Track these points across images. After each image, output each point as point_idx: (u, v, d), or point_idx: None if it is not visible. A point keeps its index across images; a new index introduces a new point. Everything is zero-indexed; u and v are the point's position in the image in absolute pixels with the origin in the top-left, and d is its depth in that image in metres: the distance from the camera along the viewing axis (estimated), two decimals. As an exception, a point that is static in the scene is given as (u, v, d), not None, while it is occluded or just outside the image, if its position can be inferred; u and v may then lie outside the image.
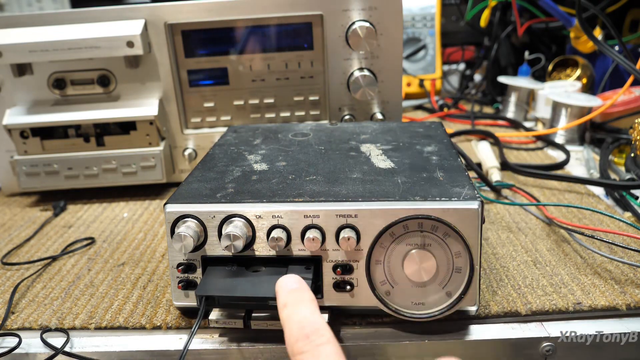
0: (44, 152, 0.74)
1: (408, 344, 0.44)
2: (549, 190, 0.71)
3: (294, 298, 0.37)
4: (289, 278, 0.39)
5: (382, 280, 0.44)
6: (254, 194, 0.45)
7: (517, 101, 1.02)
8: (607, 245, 0.55)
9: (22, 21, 0.70)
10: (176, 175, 0.78)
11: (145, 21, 0.70)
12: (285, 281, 0.39)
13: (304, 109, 0.77)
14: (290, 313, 0.36)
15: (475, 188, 0.44)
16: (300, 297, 0.37)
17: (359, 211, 0.42)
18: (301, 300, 0.37)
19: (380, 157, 0.53)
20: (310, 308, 0.36)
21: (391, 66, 0.74)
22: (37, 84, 0.73)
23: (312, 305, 0.37)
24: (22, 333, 0.47)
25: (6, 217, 0.72)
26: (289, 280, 0.39)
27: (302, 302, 0.37)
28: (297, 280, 0.39)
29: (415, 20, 1.15)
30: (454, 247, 0.42)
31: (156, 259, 0.58)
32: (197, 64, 0.74)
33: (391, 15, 0.71)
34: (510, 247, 0.57)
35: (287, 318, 0.36)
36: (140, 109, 0.72)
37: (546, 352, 0.44)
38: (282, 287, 0.38)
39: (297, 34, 0.73)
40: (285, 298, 0.37)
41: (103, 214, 0.71)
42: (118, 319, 0.48)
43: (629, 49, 0.92)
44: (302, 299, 0.37)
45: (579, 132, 0.88)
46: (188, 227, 0.43)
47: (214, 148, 0.58)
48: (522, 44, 1.16)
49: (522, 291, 0.49)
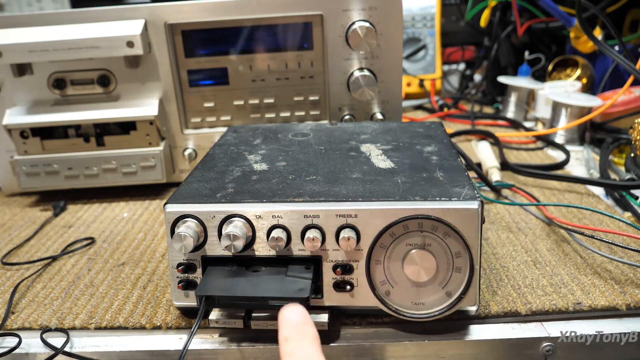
0: (44, 152, 0.74)
1: (408, 344, 0.44)
2: (549, 190, 0.71)
3: (298, 333, 0.34)
4: (294, 310, 0.36)
5: (382, 280, 0.44)
6: (254, 194, 0.45)
7: (517, 101, 1.02)
8: (607, 245, 0.55)
9: (22, 21, 0.70)
10: (176, 175, 0.78)
11: (145, 21, 0.70)
12: (289, 313, 0.35)
13: (304, 109, 0.77)
14: (293, 350, 0.33)
15: (475, 188, 0.44)
16: (305, 333, 0.34)
17: (359, 211, 0.42)
18: (306, 336, 0.34)
19: (380, 157, 0.53)
20: (314, 347, 0.33)
21: (391, 66, 0.74)
22: (37, 84, 0.73)
23: (316, 343, 0.34)
24: (22, 333, 0.47)
25: (6, 217, 0.72)
26: (294, 312, 0.35)
27: (306, 340, 0.34)
28: (303, 313, 0.35)
29: (415, 20, 1.15)
30: (454, 247, 0.42)
31: (156, 259, 0.58)
32: (197, 64, 0.74)
33: (391, 15, 0.71)
34: (510, 247, 0.57)
35: (288, 355, 0.33)
36: (140, 109, 0.72)
37: (546, 352, 0.44)
38: (285, 319, 0.35)
39: (297, 34, 0.73)
40: (289, 332, 0.34)
41: (103, 214, 0.71)
42: (118, 319, 0.48)
43: (629, 49, 0.92)
44: (306, 336, 0.34)
45: (579, 132, 0.88)
46: (188, 227, 0.43)
47: (214, 148, 0.58)
48: (522, 44, 1.16)
49: (522, 291, 0.49)
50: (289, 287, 0.42)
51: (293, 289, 0.41)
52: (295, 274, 0.43)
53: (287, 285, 0.42)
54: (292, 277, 0.43)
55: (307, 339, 0.34)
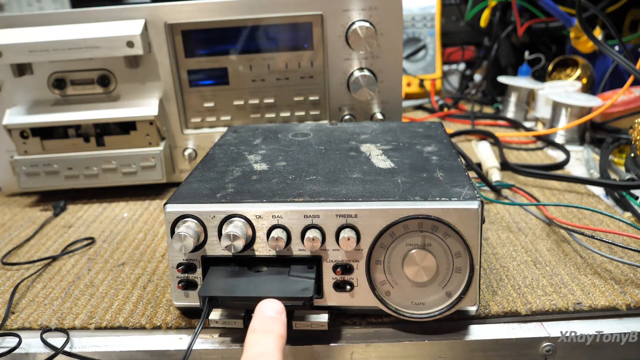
0: (44, 152, 0.74)
1: (408, 344, 0.44)
2: (549, 190, 0.71)
3: (265, 326, 0.35)
4: (270, 304, 0.36)
5: (382, 280, 0.44)
6: (254, 194, 0.45)
7: (517, 101, 1.02)
8: (607, 245, 0.55)
9: (22, 21, 0.70)
10: (176, 175, 0.78)
11: (145, 21, 0.70)
12: (266, 305, 0.36)
13: (304, 109, 0.77)
14: (255, 341, 0.34)
15: (475, 188, 0.44)
16: (272, 328, 0.35)
17: (359, 211, 0.42)
18: (271, 332, 0.35)
19: (380, 157, 0.53)
20: (275, 344, 0.34)
21: (391, 66, 0.74)
22: (37, 84, 0.73)
23: (280, 341, 0.34)
24: (22, 333, 0.47)
25: (6, 217, 0.72)
26: (270, 306, 0.36)
27: (270, 335, 0.34)
28: (277, 310, 0.36)
29: (415, 20, 1.15)
30: (454, 247, 0.42)
31: (156, 259, 0.58)
32: (197, 64, 0.74)
33: (391, 15, 0.71)
34: (510, 247, 0.57)
35: (250, 345, 0.34)
36: (140, 109, 0.72)
37: (546, 352, 0.44)
38: (260, 310, 0.36)
39: (297, 34, 0.73)
40: (258, 323, 0.35)
41: (103, 214, 0.71)
42: (118, 319, 0.48)
43: (629, 49, 0.92)
44: (271, 331, 0.35)
45: (579, 132, 0.88)
46: (188, 227, 0.43)
47: (214, 148, 0.58)
48: (522, 44, 1.16)
49: (522, 291, 0.49)
50: (292, 287, 0.42)
51: (296, 289, 0.41)
52: (298, 274, 0.43)
53: (290, 285, 0.42)
54: (295, 277, 0.43)
55: (272, 335, 0.34)
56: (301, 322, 0.43)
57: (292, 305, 0.41)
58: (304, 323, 0.43)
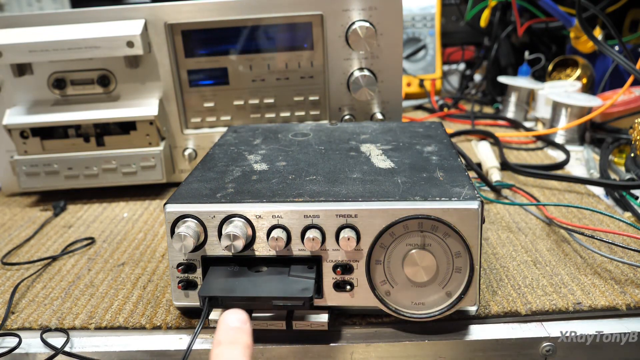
0: (44, 152, 0.74)
1: (408, 344, 0.44)
2: (549, 190, 0.71)
3: (230, 338, 0.34)
4: (234, 314, 0.36)
5: (382, 280, 0.44)
6: (254, 194, 0.45)
7: (517, 101, 1.02)
8: (607, 245, 0.55)
9: (22, 21, 0.70)
10: (176, 175, 0.78)
11: (145, 21, 0.70)
12: (228, 317, 0.35)
13: (304, 109, 0.77)
14: (220, 354, 0.33)
15: (475, 188, 0.44)
16: (237, 339, 0.34)
17: (359, 211, 0.42)
18: (236, 342, 0.34)
19: (380, 157, 0.53)
20: (242, 355, 0.33)
21: (391, 66, 0.74)
22: (37, 84, 0.73)
23: (247, 352, 0.33)
24: (22, 333, 0.47)
25: (6, 217, 0.72)
26: (233, 316, 0.35)
27: (236, 346, 0.34)
28: (242, 319, 0.35)
29: (415, 20, 1.15)
30: (454, 247, 0.42)
31: (156, 259, 0.58)
32: (197, 64, 0.74)
33: (391, 15, 0.71)
34: (510, 247, 0.57)
35: (215, 357, 0.33)
36: (140, 109, 0.72)
37: (546, 352, 0.44)
38: (223, 322, 0.35)
39: (297, 34, 0.73)
40: (223, 336, 0.34)
41: (103, 214, 0.71)
42: (118, 319, 0.48)
43: (629, 49, 0.92)
44: (237, 342, 0.34)
45: (579, 132, 0.88)
46: (188, 227, 0.43)
47: (214, 148, 0.58)
48: (522, 44, 1.16)
49: (522, 291, 0.49)
50: (292, 287, 0.42)
51: (296, 289, 0.41)
52: (298, 274, 0.43)
53: (290, 285, 0.42)
54: (295, 277, 0.43)
55: (238, 346, 0.34)
56: (301, 322, 0.43)
57: (292, 305, 0.41)
58: (304, 323, 0.43)
